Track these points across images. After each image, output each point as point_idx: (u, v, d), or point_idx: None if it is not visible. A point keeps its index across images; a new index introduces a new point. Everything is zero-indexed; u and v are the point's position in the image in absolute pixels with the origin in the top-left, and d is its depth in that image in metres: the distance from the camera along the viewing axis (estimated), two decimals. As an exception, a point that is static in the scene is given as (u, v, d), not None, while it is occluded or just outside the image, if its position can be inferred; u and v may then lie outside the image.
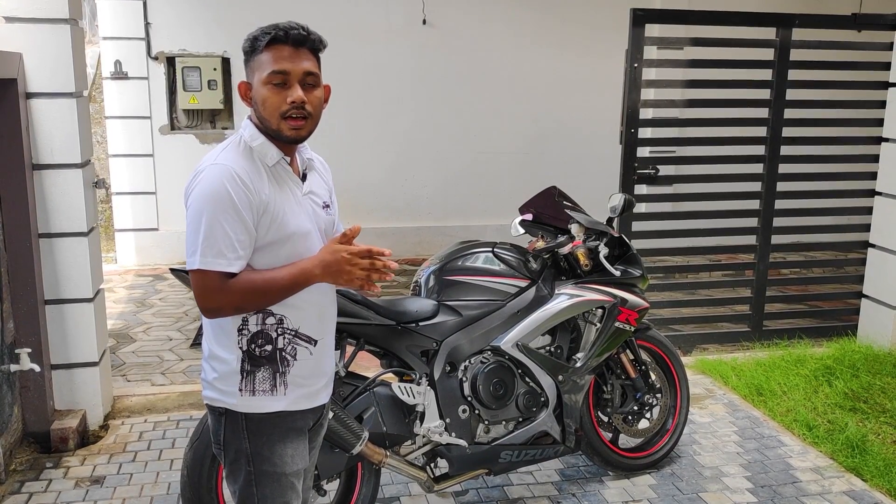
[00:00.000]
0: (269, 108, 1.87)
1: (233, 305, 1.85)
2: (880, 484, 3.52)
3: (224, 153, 1.88)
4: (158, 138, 7.32)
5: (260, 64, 1.87)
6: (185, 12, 7.21)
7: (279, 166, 1.94)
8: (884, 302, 5.12)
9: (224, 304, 1.84)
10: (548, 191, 3.54)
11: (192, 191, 1.85)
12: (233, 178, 1.81)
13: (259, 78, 1.87)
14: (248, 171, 1.85)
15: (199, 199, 1.82)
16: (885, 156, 5.15)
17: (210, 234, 1.79)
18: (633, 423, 3.59)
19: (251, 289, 1.83)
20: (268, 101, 1.87)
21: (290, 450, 2.00)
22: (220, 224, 1.79)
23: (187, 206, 1.86)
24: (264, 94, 1.87)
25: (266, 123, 1.90)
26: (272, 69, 1.85)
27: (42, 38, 3.59)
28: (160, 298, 6.38)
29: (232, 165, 1.83)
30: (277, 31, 1.86)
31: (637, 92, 4.93)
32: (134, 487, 3.42)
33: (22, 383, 3.67)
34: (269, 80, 1.86)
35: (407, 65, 7.70)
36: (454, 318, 3.05)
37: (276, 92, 1.86)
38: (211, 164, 1.85)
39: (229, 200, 1.79)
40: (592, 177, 7.16)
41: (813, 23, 5.21)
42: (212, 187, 1.81)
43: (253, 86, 1.90)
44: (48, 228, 3.71)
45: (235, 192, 1.80)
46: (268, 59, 1.86)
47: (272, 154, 1.91)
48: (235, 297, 1.83)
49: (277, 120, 1.87)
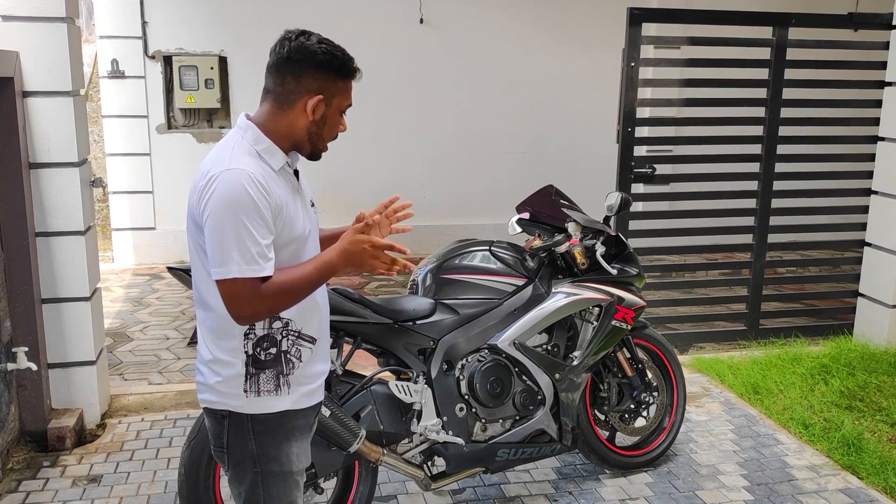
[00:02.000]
0: (330, 133, 1.98)
1: (268, 309, 1.86)
2: (876, 482, 3.53)
3: (235, 157, 1.84)
4: (155, 137, 7.31)
5: (344, 90, 1.95)
6: (182, 11, 7.19)
7: (283, 169, 1.95)
8: (880, 300, 5.14)
9: (259, 309, 1.84)
10: (545, 189, 3.54)
11: (210, 198, 1.80)
12: (252, 182, 1.80)
13: (339, 104, 1.95)
14: (263, 174, 1.85)
15: (221, 206, 1.79)
16: (881, 155, 5.17)
17: (240, 241, 1.78)
18: (629, 421, 3.60)
19: (284, 289, 1.84)
20: (335, 129, 1.98)
21: (295, 448, 2.01)
22: (248, 230, 1.78)
23: (204, 213, 1.81)
24: (338, 120, 1.98)
25: (317, 141, 1.96)
26: (349, 102, 1.97)
27: (39, 37, 3.58)
28: (157, 297, 6.37)
29: (248, 169, 1.82)
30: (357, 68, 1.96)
31: (634, 91, 4.93)
32: (131, 486, 3.42)
33: (19, 382, 3.67)
34: (344, 110, 1.98)
35: (404, 64, 7.69)
36: (451, 317, 3.06)
37: (341, 121, 1.99)
38: (225, 169, 1.81)
39: (253, 205, 1.79)
40: (589, 176, 7.18)
41: (809, 22, 5.22)
42: (234, 193, 1.78)
43: (331, 106, 1.94)
44: (45, 227, 3.71)
45: (257, 196, 1.80)
46: (347, 89, 1.96)
47: (278, 158, 1.92)
48: (269, 301, 1.83)
49: (326, 143, 1.99)
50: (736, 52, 5.15)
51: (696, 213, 5.37)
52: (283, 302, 1.87)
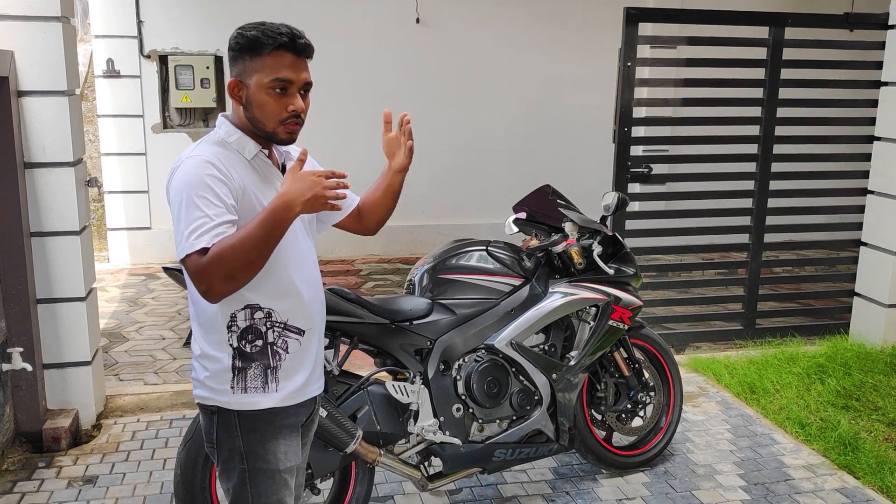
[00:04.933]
0: (267, 113, 1.89)
1: (219, 275, 1.75)
2: (872, 481, 3.54)
3: (199, 147, 1.91)
4: (151, 137, 7.30)
5: (261, 67, 1.86)
6: (178, 10, 7.18)
7: (258, 159, 1.95)
8: (876, 300, 5.15)
9: (212, 277, 1.75)
10: (541, 189, 3.54)
11: (170, 186, 1.87)
12: (206, 164, 1.82)
13: (258, 81, 1.87)
14: (222, 158, 1.86)
15: (177, 189, 1.83)
16: (877, 154, 5.18)
17: (190, 219, 1.78)
18: (626, 421, 3.60)
19: (227, 250, 1.74)
20: (267, 107, 1.88)
21: (283, 446, 2.00)
22: (199, 209, 1.78)
23: (170, 203, 1.87)
24: (264, 98, 1.88)
25: (259, 125, 1.91)
26: (276, 76, 1.86)
27: (34, 36, 3.57)
28: (153, 297, 6.36)
29: (205, 155, 1.85)
30: (282, 38, 1.85)
31: (630, 91, 4.93)
32: (127, 487, 3.41)
33: (14, 383, 3.65)
34: (272, 87, 1.87)
35: (400, 63, 7.69)
36: (448, 317, 3.05)
37: (277, 98, 1.87)
38: (186, 157, 1.87)
39: (205, 185, 1.80)
40: (586, 175, 7.18)
41: (805, 22, 5.22)
42: (188, 176, 1.82)
43: (249, 86, 1.89)
44: (40, 227, 3.70)
45: (211, 177, 1.81)
46: (271, 64, 1.86)
47: (250, 148, 1.93)
48: (216, 266, 1.74)
49: (274, 125, 1.90)
50: (732, 51, 5.15)
51: (693, 213, 5.37)
52: (233, 263, 1.75)
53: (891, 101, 5.05)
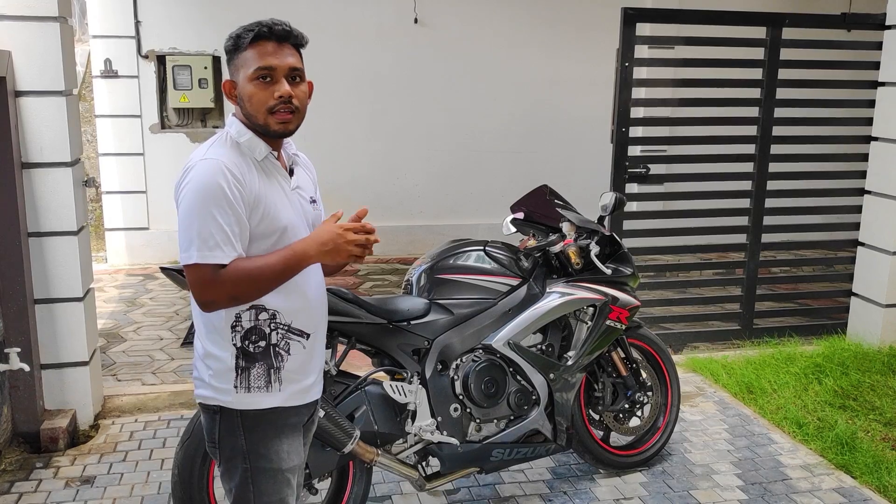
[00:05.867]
0: (255, 104, 1.89)
1: (227, 295, 1.83)
2: (869, 481, 3.54)
3: (213, 148, 1.89)
4: (149, 137, 7.29)
5: (245, 61, 1.89)
6: (176, 10, 7.17)
7: (267, 161, 1.95)
8: (873, 300, 5.15)
9: (219, 295, 1.82)
10: (539, 189, 3.54)
11: (183, 187, 1.85)
12: (223, 171, 1.82)
13: (244, 75, 1.89)
14: (238, 165, 1.86)
15: (190, 194, 1.82)
16: (875, 154, 5.18)
17: (204, 228, 1.79)
18: (624, 420, 3.60)
19: (244, 276, 1.82)
20: (254, 97, 1.88)
21: (285, 446, 2.00)
22: (213, 218, 1.79)
23: (178, 203, 1.86)
24: (250, 90, 1.88)
25: (253, 119, 1.91)
26: (258, 65, 1.87)
27: (31, 36, 3.56)
28: (151, 298, 6.35)
29: (222, 160, 1.84)
30: (261, 28, 1.87)
31: (628, 91, 4.94)
32: (124, 487, 3.41)
33: (11, 383, 3.65)
34: (255, 76, 1.88)
35: (398, 63, 7.69)
36: (446, 317, 3.05)
37: (263, 87, 1.88)
38: (200, 159, 1.86)
39: (222, 194, 1.80)
40: (584, 175, 7.18)
41: (803, 22, 5.23)
42: (203, 182, 1.81)
43: (238, 83, 1.91)
44: (38, 227, 3.69)
45: (227, 185, 1.81)
46: (252, 55, 1.87)
47: (261, 149, 1.92)
48: (228, 287, 1.81)
49: (265, 115, 1.89)
50: (730, 52, 5.16)
51: (691, 213, 5.38)
52: (244, 289, 1.84)
53: (888, 101, 5.06)
